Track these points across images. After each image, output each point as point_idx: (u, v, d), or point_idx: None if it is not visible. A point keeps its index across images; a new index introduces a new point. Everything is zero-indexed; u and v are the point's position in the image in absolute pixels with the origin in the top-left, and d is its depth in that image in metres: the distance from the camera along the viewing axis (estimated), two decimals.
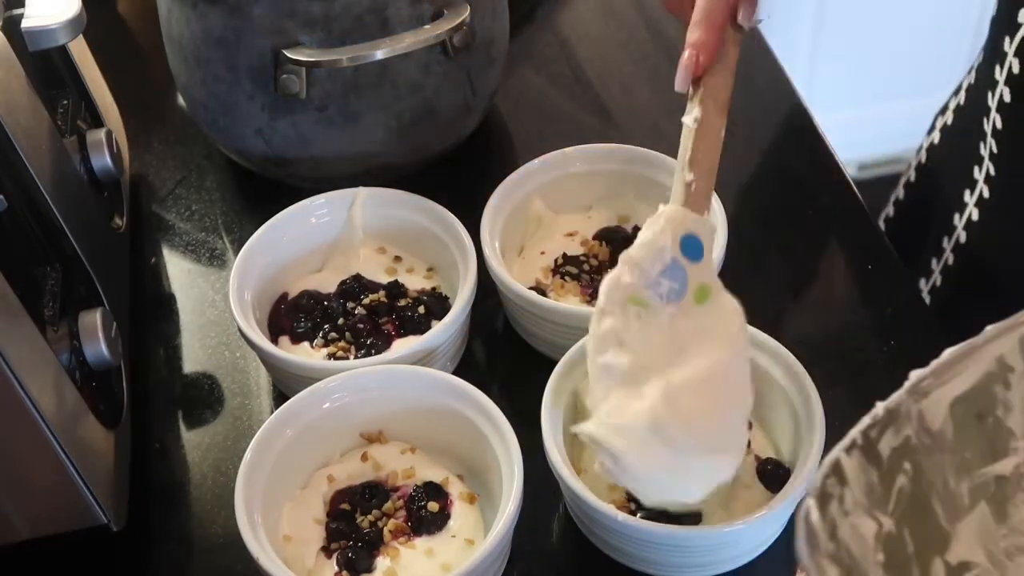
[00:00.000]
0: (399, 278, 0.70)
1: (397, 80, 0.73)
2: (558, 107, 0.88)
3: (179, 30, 0.74)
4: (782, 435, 0.60)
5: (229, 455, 0.66)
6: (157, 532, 0.63)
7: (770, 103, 0.88)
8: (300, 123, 0.74)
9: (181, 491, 0.65)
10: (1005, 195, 0.71)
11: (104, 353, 0.58)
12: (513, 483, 0.55)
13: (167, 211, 0.82)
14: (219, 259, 0.78)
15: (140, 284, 0.76)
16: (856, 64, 1.77)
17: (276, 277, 0.70)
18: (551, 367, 0.60)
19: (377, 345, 0.66)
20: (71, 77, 0.74)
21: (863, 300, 0.74)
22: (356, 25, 0.70)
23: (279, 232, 0.70)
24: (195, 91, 0.76)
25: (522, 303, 0.66)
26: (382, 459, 0.61)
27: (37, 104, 0.64)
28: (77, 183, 0.67)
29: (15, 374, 0.51)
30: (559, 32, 0.94)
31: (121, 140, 0.78)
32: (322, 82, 0.72)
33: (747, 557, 0.58)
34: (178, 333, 0.73)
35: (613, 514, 0.54)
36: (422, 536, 0.58)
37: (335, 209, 0.72)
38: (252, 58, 0.71)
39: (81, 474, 0.55)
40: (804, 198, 0.80)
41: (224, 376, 0.70)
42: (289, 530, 0.58)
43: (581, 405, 0.61)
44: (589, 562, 0.60)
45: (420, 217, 0.71)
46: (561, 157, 0.73)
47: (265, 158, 0.77)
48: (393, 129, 0.75)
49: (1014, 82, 0.67)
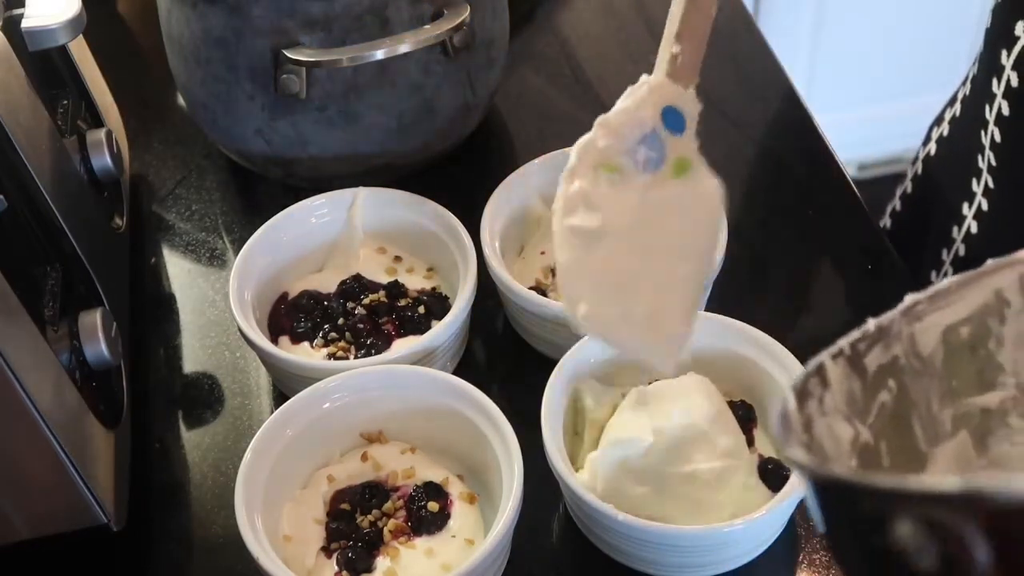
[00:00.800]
0: (399, 278, 0.70)
1: (397, 80, 0.73)
2: (558, 107, 0.88)
3: (179, 30, 0.74)
4: None
5: (229, 455, 0.66)
6: (157, 532, 0.63)
7: (770, 103, 0.88)
8: (300, 123, 0.74)
9: (181, 491, 0.65)
10: (1006, 208, 0.70)
11: (104, 353, 0.58)
12: (513, 483, 0.55)
13: (167, 211, 0.82)
14: (219, 259, 0.78)
15: (140, 284, 0.76)
16: (856, 64, 1.77)
17: (276, 277, 0.70)
18: (551, 367, 0.60)
19: (377, 345, 0.66)
20: (71, 77, 0.74)
21: (863, 300, 0.74)
22: (356, 25, 0.70)
23: (279, 232, 0.70)
24: (195, 91, 0.76)
25: (522, 303, 0.66)
26: (382, 459, 0.61)
27: (37, 104, 0.64)
28: (77, 183, 0.67)
29: (15, 374, 0.51)
30: (559, 32, 0.94)
31: (121, 140, 0.78)
32: (322, 82, 0.72)
33: (747, 557, 0.58)
34: (178, 333, 0.73)
35: (613, 514, 0.54)
36: (422, 536, 0.58)
37: (335, 209, 0.72)
38: (252, 58, 0.71)
39: (81, 474, 0.55)
40: (804, 198, 0.80)
41: (224, 376, 0.70)
42: (289, 530, 0.58)
43: (581, 405, 0.61)
44: (589, 562, 0.60)
45: (420, 217, 0.71)
46: (561, 157, 0.73)
47: (265, 158, 0.77)
48: (393, 129, 0.75)
49: (1012, 95, 0.66)
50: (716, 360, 0.62)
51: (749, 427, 0.60)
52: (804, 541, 0.60)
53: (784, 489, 0.55)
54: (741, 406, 0.61)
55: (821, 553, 0.59)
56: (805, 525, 0.60)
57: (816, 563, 0.59)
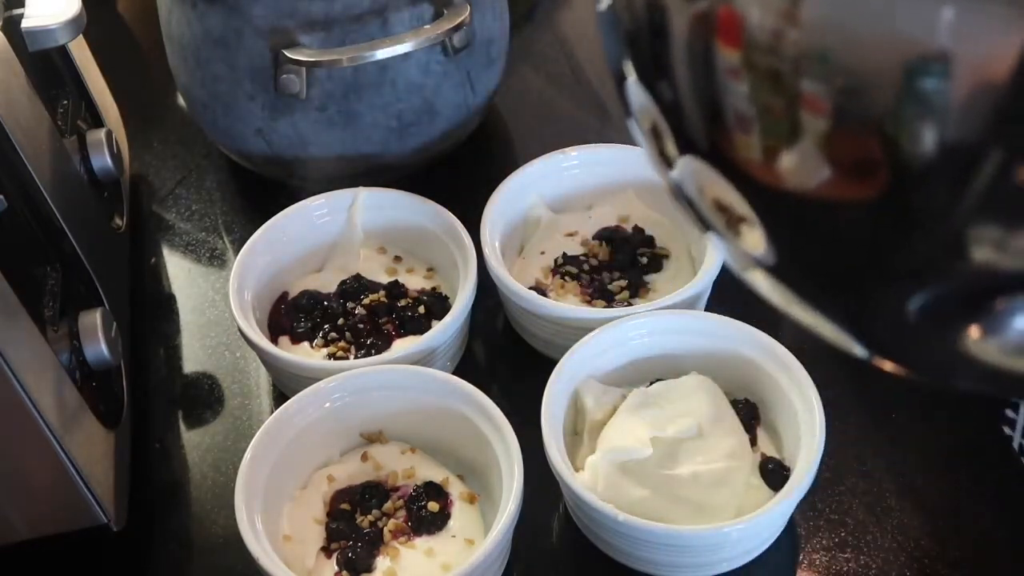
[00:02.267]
0: (399, 278, 0.70)
1: (397, 80, 0.73)
2: (558, 107, 0.88)
3: (179, 30, 0.74)
4: (783, 435, 0.60)
5: (229, 455, 0.66)
6: (157, 532, 0.63)
7: None
8: (300, 123, 0.74)
9: (181, 491, 0.65)
10: None
11: (104, 353, 0.58)
12: (513, 483, 0.55)
13: (167, 211, 0.82)
14: (219, 259, 0.78)
15: (140, 284, 0.76)
16: None
17: (276, 277, 0.70)
18: (551, 367, 0.60)
19: (377, 345, 0.66)
20: (71, 77, 0.74)
21: None
22: (356, 25, 0.70)
23: (279, 232, 0.70)
24: (195, 91, 0.76)
25: (522, 303, 0.66)
26: (382, 459, 0.61)
27: (37, 104, 0.64)
28: (77, 183, 0.67)
29: (15, 374, 0.51)
30: (559, 32, 0.94)
31: (121, 140, 0.78)
32: (322, 82, 0.72)
33: (747, 557, 0.58)
34: (178, 333, 0.73)
35: (613, 514, 0.54)
36: (422, 536, 0.58)
37: (335, 209, 0.72)
38: (252, 58, 0.71)
39: (81, 474, 0.55)
40: None
41: (224, 376, 0.70)
42: (289, 530, 0.58)
43: (581, 405, 0.61)
44: (589, 562, 0.60)
45: (420, 217, 0.71)
46: (561, 157, 0.74)
47: (265, 158, 0.77)
48: (393, 129, 0.75)
49: None
50: (717, 360, 0.62)
51: (752, 425, 0.60)
52: (804, 541, 0.60)
53: (784, 489, 0.55)
54: (744, 404, 0.61)
55: (821, 553, 0.59)
56: (805, 525, 0.60)
57: (816, 563, 0.59)
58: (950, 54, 0.24)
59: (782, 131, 0.27)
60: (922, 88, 0.25)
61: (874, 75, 0.25)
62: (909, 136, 0.25)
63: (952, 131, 0.25)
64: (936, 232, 0.26)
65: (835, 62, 0.26)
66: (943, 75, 0.24)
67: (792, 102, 0.27)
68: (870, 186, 0.27)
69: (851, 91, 0.26)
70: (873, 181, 0.27)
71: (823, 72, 0.26)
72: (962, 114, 0.25)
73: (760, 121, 0.28)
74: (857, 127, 0.26)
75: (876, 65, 0.25)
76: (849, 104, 0.26)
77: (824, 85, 0.26)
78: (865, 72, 0.26)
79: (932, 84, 0.24)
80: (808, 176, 0.28)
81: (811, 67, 0.26)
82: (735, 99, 0.28)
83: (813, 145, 0.27)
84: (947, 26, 0.24)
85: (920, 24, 0.24)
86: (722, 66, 0.28)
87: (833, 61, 0.26)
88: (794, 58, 0.26)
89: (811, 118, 0.27)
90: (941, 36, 0.24)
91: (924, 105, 0.25)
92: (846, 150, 0.27)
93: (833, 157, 0.27)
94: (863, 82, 0.26)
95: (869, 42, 0.25)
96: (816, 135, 0.27)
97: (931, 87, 0.24)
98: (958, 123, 0.25)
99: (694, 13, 0.29)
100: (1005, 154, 0.24)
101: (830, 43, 0.26)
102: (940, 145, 0.25)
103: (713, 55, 0.28)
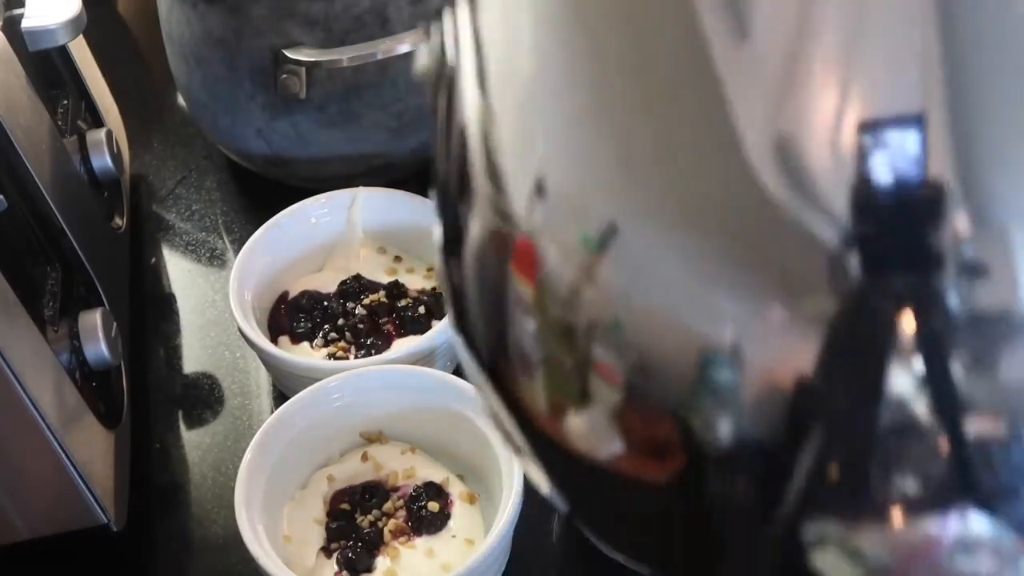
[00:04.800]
0: (399, 278, 0.70)
1: (397, 80, 0.73)
2: None
3: (179, 30, 0.74)
4: None
5: (229, 455, 0.66)
6: (157, 532, 0.63)
7: None
8: (300, 123, 0.74)
9: (181, 491, 0.65)
10: None
11: (104, 353, 0.58)
12: (513, 483, 0.55)
13: (167, 211, 0.82)
14: (219, 259, 0.78)
15: (140, 284, 0.76)
16: None
17: (276, 277, 0.70)
18: None
19: (377, 345, 0.66)
20: (71, 77, 0.74)
21: None
22: (356, 25, 0.70)
23: (279, 232, 0.70)
24: (195, 91, 0.76)
25: None
26: (382, 459, 0.61)
27: (37, 104, 0.64)
28: (77, 183, 0.67)
29: (15, 374, 0.51)
30: None
31: (121, 140, 0.78)
32: (322, 82, 0.72)
33: None
34: (178, 333, 0.73)
35: None
36: (422, 536, 0.58)
37: (335, 209, 0.72)
38: (252, 58, 0.71)
39: (81, 474, 0.55)
40: None
41: (224, 376, 0.70)
42: (289, 530, 0.58)
43: None
44: (589, 562, 0.60)
45: (420, 217, 0.71)
46: None
47: (265, 158, 0.77)
48: (393, 129, 0.75)
49: None
50: None
51: None
52: None
53: None
54: None
55: None
56: None
57: None
58: (738, 350, 0.23)
59: (571, 390, 0.26)
60: (713, 380, 0.23)
61: (666, 361, 0.24)
62: (703, 425, 0.24)
63: (747, 425, 0.23)
64: (739, 524, 0.25)
65: (628, 336, 0.24)
66: (733, 369, 0.23)
67: (583, 363, 0.25)
68: (662, 468, 0.25)
69: (644, 370, 0.24)
70: (667, 463, 0.25)
71: (617, 341, 0.24)
72: (755, 410, 0.23)
73: (546, 372, 0.26)
74: (650, 406, 0.25)
75: (668, 351, 0.24)
76: (642, 382, 0.24)
77: (617, 356, 0.24)
78: (657, 355, 0.24)
79: (723, 377, 0.23)
80: (596, 444, 0.26)
81: (605, 334, 0.24)
82: (524, 337, 0.26)
83: (603, 414, 0.25)
84: (733, 323, 0.23)
85: (707, 318, 0.23)
86: (514, 297, 0.26)
87: (626, 334, 0.24)
88: (588, 320, 0.25)
89: (603, 385, 0.25)
90: (727, 332, 0.23)
91: (716, 396, 0.23)
92: (638, 427, 0.25)
93: (625, 431, 0.25)
94: (655, 363, 0.24)
95: (662, 325, 0.24)
96: (608, 405, 0.25)
97: (722, 380, 0.23)
98: (752, 418, 0.23)
99: (493, 229, 0.26)
100: (803, 452, 0.23)
101: (623, 316, 0.24)
102: (735, 437, 0.24)
103: (506, 282, 0.26)
